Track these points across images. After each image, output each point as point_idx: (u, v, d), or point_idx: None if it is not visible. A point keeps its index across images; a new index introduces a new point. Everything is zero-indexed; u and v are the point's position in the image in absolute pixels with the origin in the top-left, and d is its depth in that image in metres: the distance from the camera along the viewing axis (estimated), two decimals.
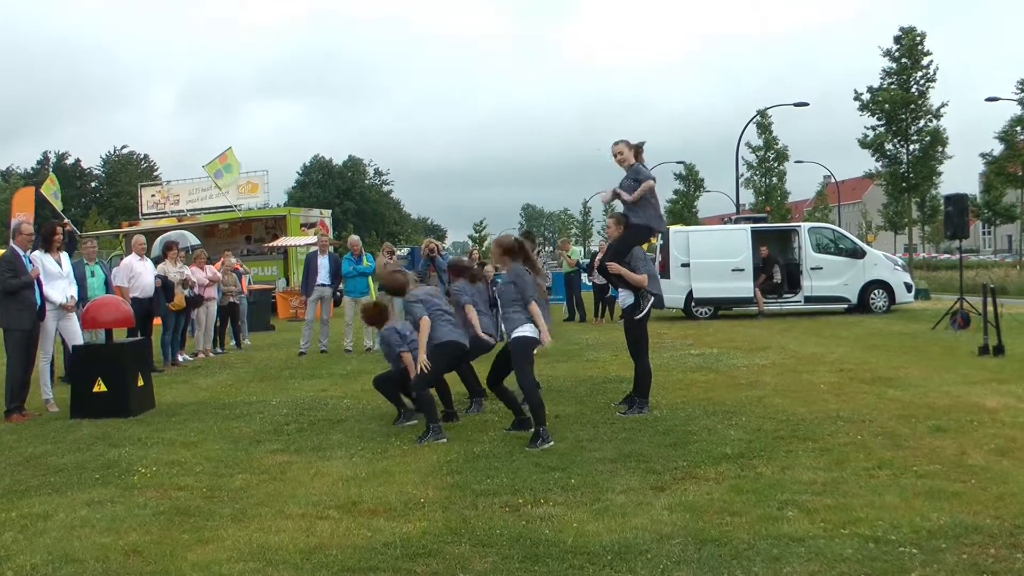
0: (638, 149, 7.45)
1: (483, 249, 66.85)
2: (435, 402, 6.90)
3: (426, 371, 6.73)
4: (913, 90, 34.64)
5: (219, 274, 14.22)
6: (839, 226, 24.93)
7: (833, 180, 58.02)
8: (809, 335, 13.94)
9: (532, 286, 6.43)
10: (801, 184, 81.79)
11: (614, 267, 7.32)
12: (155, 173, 71.48)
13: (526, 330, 6.35)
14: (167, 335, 12.25)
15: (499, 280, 7.79)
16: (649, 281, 7.42)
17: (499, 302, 7.07)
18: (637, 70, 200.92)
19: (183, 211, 30.00)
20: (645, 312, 7.37)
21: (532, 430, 6.35)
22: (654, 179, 7.34)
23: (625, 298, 7.54)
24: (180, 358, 12.66)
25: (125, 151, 75.94)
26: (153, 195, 32.27)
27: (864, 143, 35.35)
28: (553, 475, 5.29)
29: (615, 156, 7.41)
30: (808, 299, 18.28)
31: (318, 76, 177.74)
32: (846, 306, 18.26)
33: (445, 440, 6.46)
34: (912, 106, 34.54)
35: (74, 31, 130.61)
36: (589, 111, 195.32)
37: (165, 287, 11.88)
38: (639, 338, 7.51)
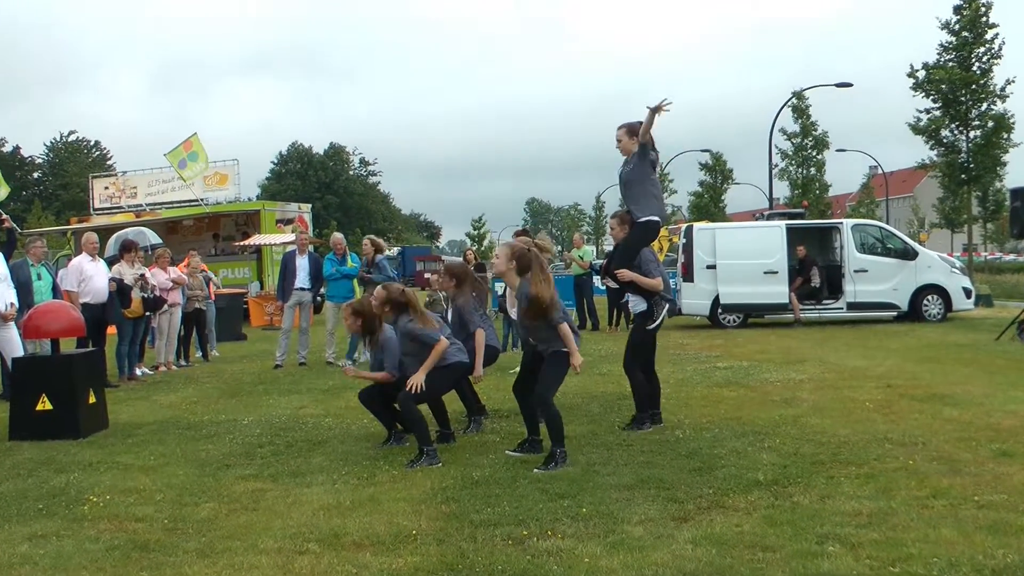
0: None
1: (481, 249, 66.85)
2: (427, 421, 6.91)
3: (420, 392, 6.77)
4: (975, 68, 34.44)
5: (184, 276, 14.27)
6: (887, 223, 24.97)
7: (880, 171, 57.99)
8: (852, 346, 13.92)
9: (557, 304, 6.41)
10: (843, 176, 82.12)
11: (626, 274, 7.33)
12: (108, 163, 71.71)
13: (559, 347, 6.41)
14: (123, 345, 12.26)
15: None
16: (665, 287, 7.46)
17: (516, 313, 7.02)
18: (658, 52, 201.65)
19: (141, 205, 30.04)
20: (659, 322, 7.40)
21: (543, 453, 6.45)
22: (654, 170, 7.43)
23: (636, 304, 7.56)
24: (138, 372, 12.68)
25: (72, 138, 76.13)
26: (106, 187, 32.31)
27: (917, 129, 35.16)
28: (562, 503, 5.29)
29: (617, 144, 7.44)
30: (851, 306, 18.27)
31: (299, 55, 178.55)
32: (895, 314, 18.25)
33: (439, 464, 6.47)
34: (973, 86, 34.31)
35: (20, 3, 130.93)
36: (603, 96, 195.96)
37: (120, 291, 11.90)
38: (639, 346, 7.55)
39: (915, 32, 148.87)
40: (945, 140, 35.39)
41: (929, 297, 18.13)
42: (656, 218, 7.41)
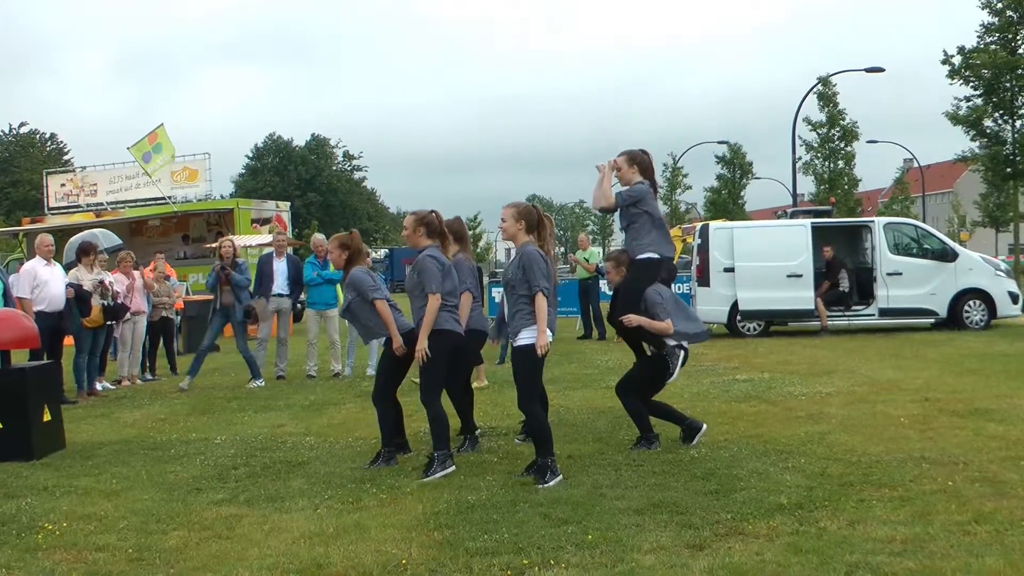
0: (643, 163, 7.50)
1: (477, 251, 66.97)
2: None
3: (428, 365, 6.90)
4: (1021, 51, 34.34)
5: (151, 282, 14.27)
6: (923, 221, 25.00)
7: (916, 164, 58.10)
8: (885, 356, 13.92)
9: (545, 274, 6.52)
10: (875, 169, 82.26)
11: (632, 319, 7.38)
12: (65, 158, 71.67)
13: (528, 337, 6.50)
14: (81, 358, 12.26)
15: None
16: (679, 320, 7.42)
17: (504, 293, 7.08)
18: (672, 36, 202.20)
19: (102, 204, 30.03)
20: (675, 374, 7.52)
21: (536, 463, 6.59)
22: (650, 206, 7.42)
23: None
24: (99, 386, 12.68)
25: (24, 130, 76.07)
26: (63, 184, 32.30)
27: (956, 118, 35.06)
28: (565, 529, 5.29)
29: (616, 172, 7.52)
30: (884, 312, 18.27)
31: (278, 39, 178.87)
32: (933, 321, 18.26)
33: (453, 469, 6.77)
34: (1019, 71, 34.18)
35: None
36: (613, 84, 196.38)
37: (79, 298, 11.90)
38: (644, 386, 7.67)
39: (953, 11, 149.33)
40: (988, 130, 35.23)
41: (971, 303, 18.14)
42: (654, 256, 7.39)
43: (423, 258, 7.13)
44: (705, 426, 7.82)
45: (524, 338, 6.54)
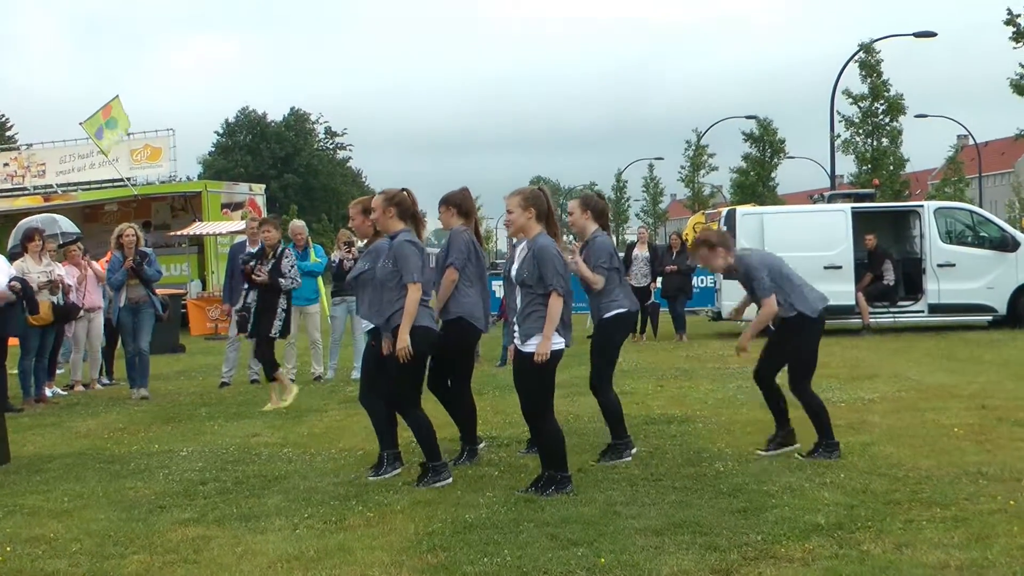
0: (599, 209, 7.89)
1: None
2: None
3: (408, 365, 6.94)
4: None
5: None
6: (980, 206, 24.97)
7: (972, 142, 57.97)
8: (936, 358, 13.91)
9: (562, 272, 6.55)
10: (924, 148, 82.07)
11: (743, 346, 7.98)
12: (8, 133, 71.61)
13: (534, 344, 6.53)
14: (28, 360, 12.24)
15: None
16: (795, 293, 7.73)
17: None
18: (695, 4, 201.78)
19: (52, 187, 30.07)
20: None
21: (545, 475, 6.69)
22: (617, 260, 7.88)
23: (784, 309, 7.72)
24: (48, 392, 12.68)
25: None
26: (6, 164, 32.35)
27: (1021, 88, 34.87)
28: (575, 552, 5.30)
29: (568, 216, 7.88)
30: (934, 308, 18.26)
31: (251, 2, 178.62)
32: (990, 318, 18.24)
33: (450, 481, 6.83)
34: None
35: None
36: (628, 59, 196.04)
37: (25, 293, 11.86)
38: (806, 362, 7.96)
39: None
40: None
41: None
42: (625, 309, 7.83)
43: (401, 243, 7.10)
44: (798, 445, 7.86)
45: (535, 343, 6.53)
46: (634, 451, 7.82)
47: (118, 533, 6.05)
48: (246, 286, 11.22)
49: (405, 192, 7.39)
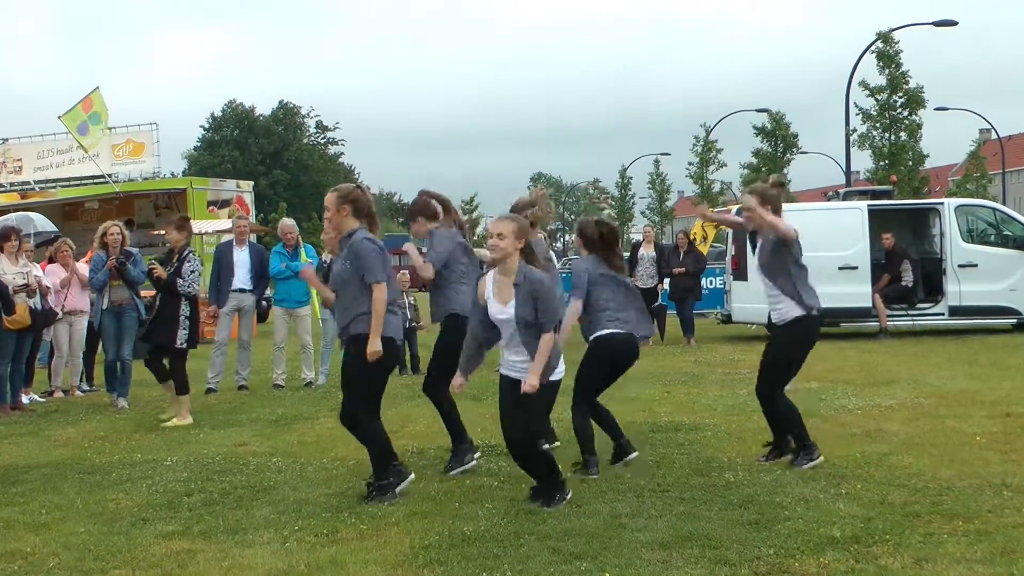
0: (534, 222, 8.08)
1: (475, 238, 66.89)
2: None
3: (371, 376, 7.03)
4: None
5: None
6: (1003, 203, 24.97)
7: (995, 136, 58.00)
8: (957, 363, 13.91)
9: (557, 306, 6.71)
10: (945, 142, 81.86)
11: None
12: None
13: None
14: (3, 365, 12.24)
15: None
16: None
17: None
18: None
19: (29, 183, 30.07)
20: None
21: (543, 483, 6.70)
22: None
23: (787, 310, 7.77)
24: (25, 399, 12.66)
25: None
26: None
27: None
28: (578, 566, 5.30)
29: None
30: (955, 310, 18.26)
31: None
32: (1014, 321, 18.25)
33: (399, 500, 6.79)
34: None
35: None
36: (635, 52, 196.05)
37: (1, 296, 11.87)
38: (781, 365, 7.95)
39: None
40: None
41: None
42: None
43: (360, 241, 7.00)
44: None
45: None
46: (633, 456, 7.90)
47: (98, 547, 6.04)
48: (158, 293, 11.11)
49: (359, 189, 7.37)
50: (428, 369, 8.32)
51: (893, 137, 49.11)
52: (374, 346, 6.86)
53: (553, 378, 6.68)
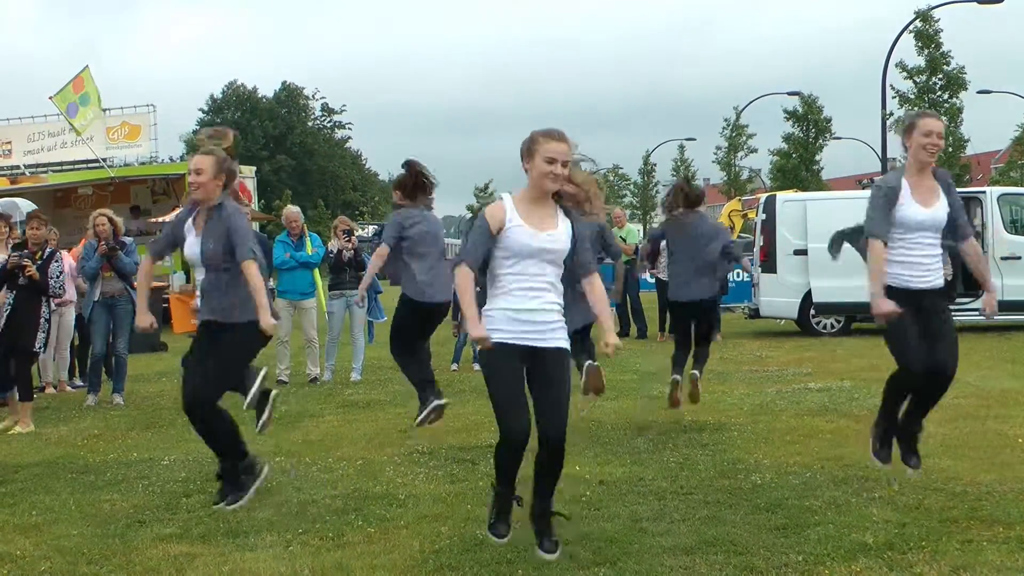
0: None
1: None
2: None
3: (239, 354, 7.32)
4: None
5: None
6: None
7: None
8: (998, 361, 13.87)
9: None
10: (988, 127, 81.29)
11: None
12: None
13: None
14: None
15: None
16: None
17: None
18: None
19: (19, 168, 30.12)
20: None
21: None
22: None
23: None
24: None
25: None
26: None
27: None
28: (596, 572, 5.31)
29: None
30: (998, 305, 18.14)
31: None
32: None
33: (241, 504, 6.84)
34: None
35: None
36: (660, 29, 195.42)
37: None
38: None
39: None
40: None
41: None
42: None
43: (234, 213, 6.82)
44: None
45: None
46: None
47: (92, 550, 6.06)
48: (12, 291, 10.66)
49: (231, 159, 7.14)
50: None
51: None
52: (267, 320, 6.83)
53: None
